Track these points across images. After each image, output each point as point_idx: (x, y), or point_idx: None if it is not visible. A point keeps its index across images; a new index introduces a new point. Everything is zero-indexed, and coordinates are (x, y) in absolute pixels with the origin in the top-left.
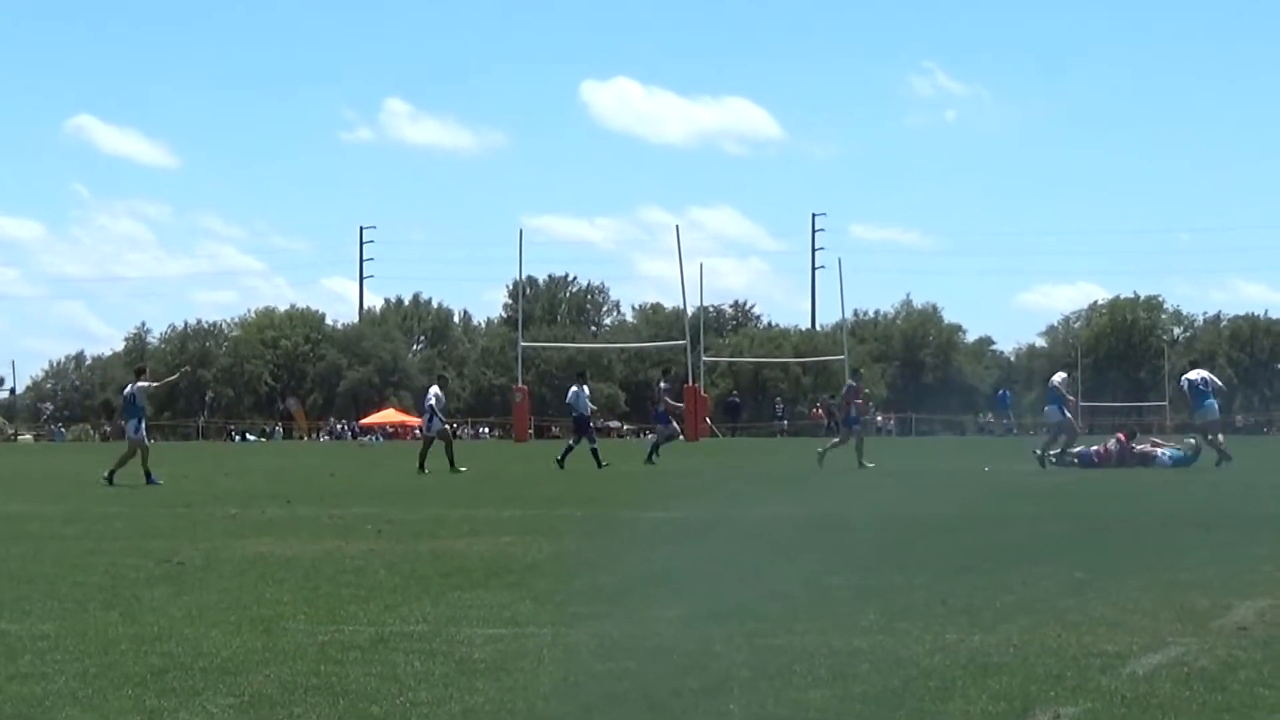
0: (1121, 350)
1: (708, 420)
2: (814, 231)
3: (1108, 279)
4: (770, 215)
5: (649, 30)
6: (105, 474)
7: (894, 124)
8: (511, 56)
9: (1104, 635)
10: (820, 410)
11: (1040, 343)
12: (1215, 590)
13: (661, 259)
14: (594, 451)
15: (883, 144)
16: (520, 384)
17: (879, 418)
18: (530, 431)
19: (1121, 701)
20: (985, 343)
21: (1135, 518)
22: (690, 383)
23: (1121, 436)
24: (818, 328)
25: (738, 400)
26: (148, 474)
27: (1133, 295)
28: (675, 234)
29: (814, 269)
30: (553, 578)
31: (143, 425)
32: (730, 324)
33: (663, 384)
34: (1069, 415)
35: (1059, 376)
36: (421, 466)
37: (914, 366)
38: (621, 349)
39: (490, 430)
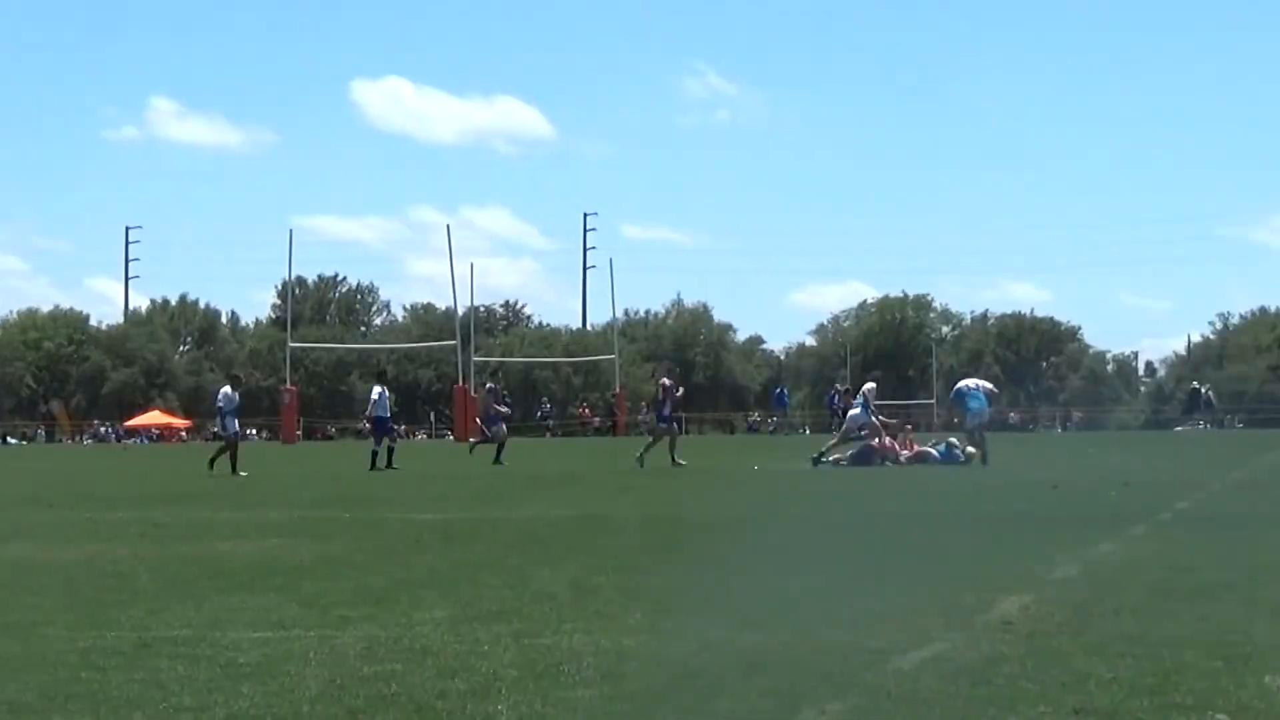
0: (890, 348)
1: (478, 420)
2: (586, 231)
3: (877, 278)
4: (542, 215)
5: (420, 29)
6: None
7: (665, 124)
8: (280, 55)
9: (870, 632)
10: (587, 409)
11: (810, 341)
12: (979, 586)
13: (432, 259)
14: (390, 451)
15: (654, 144)
16: (289, 385)
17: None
18: (299, 433)
19: (888, 697)
20: (755, 342)
21: (901, 516)
22: (460, 383)
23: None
24: (589, 327)
25: (509, 398)
26: None
27: (901, 294)
28: (446, 233)
29: (585, 268)
30: (319, 580)
31: None
32: (501, 324)
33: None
34: (875, 420)
35: (869, 386)
36: (211, 464)
37: (684, 366)
38: (391, 349)
39: (258, 432)
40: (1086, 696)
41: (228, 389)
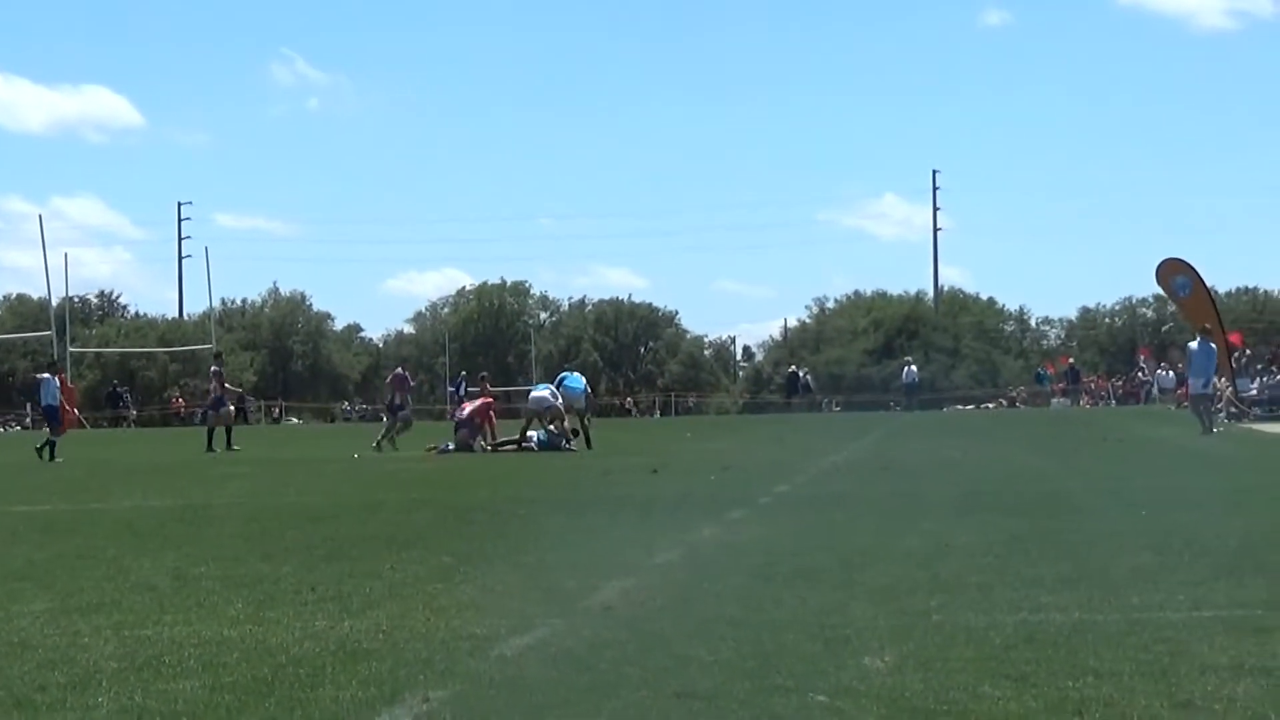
0: (489, 335)
1: (75, 411)
2: (180, 220)
3: (473, 266)
4: (134, 204)
5: (3, 16)
6: None
7: (257, 112)
8: None
9: (472, 619)
10: (180, 400)
11: (409, 329)
12: (581, 572)
13: (22, 249)
14: (52, 445)
15: (247, 132)
16: None
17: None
18: None
19: (490, 684)
20: (354, 330)
21: (501, 502)
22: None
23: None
24: (185, 316)
25: (121, 390)
26: None
27: (500, 281)
28: (39, 224)
29: (181, 258)
30: None
31: None
32: (97, 314)
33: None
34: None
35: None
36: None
37: (283, 354)
38: None
39: None
40: (688, 680)
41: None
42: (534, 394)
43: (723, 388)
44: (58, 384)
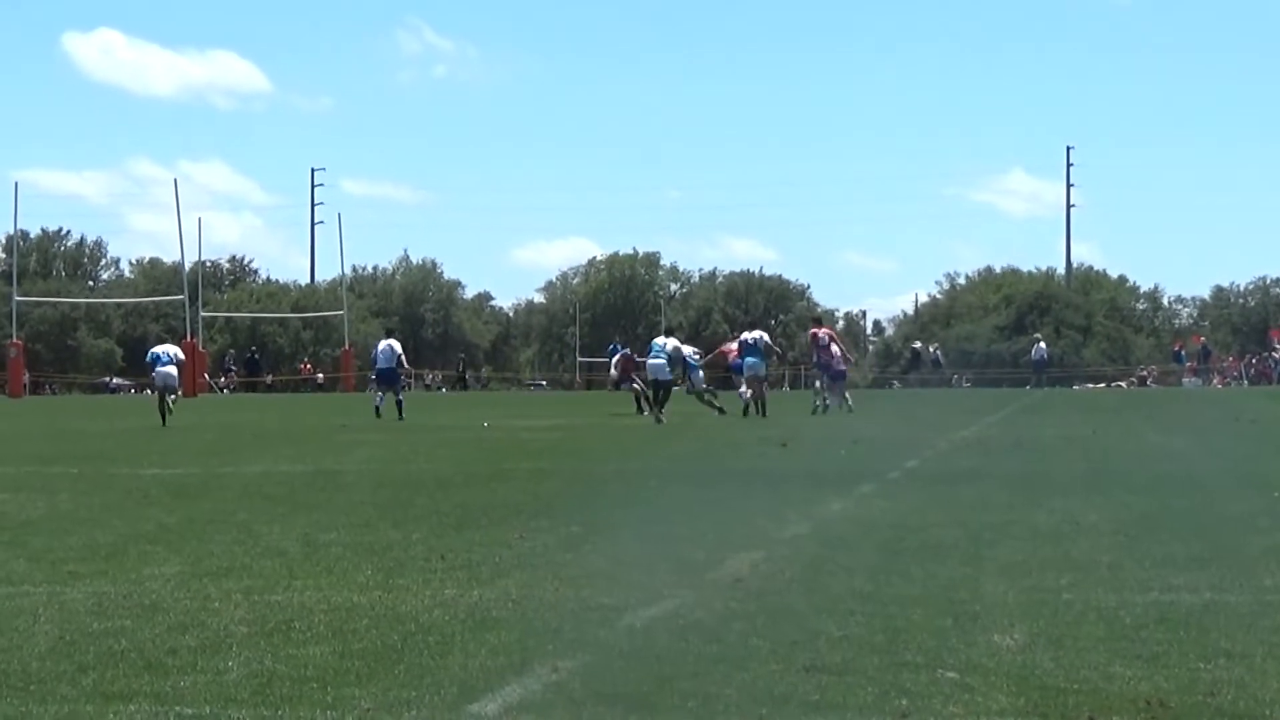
0: (619, 305)
1: (205, 376)
2: (313, 187)
3: (600, 235)
4: (262, 170)
5: None
6: None
7: (384, 79)
8: None
9: (601, 589)
10: (309, 366)
11: (539, 299)
12: (710, 544)
13: (154, 213)
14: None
15: (373, 99)
16: (15, 339)
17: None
18: (25, 387)
19: (619, 654)
20: (484, 298)
21: (630, 473)
22: (189, 338)
23: None
24: (317, 283)
25: (257, 355)
26: None
27: (632, 251)
28: (174, 188)
29: (313, 224)
30: (48, 535)
31: None
32: (229, 279)
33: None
34: None
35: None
36: None
37: (414, 321)
38: (119, 304)
39: None
40: (817, 654)
41: None
42: (651, 362)
43: (852, 363)
44: (398, 348)
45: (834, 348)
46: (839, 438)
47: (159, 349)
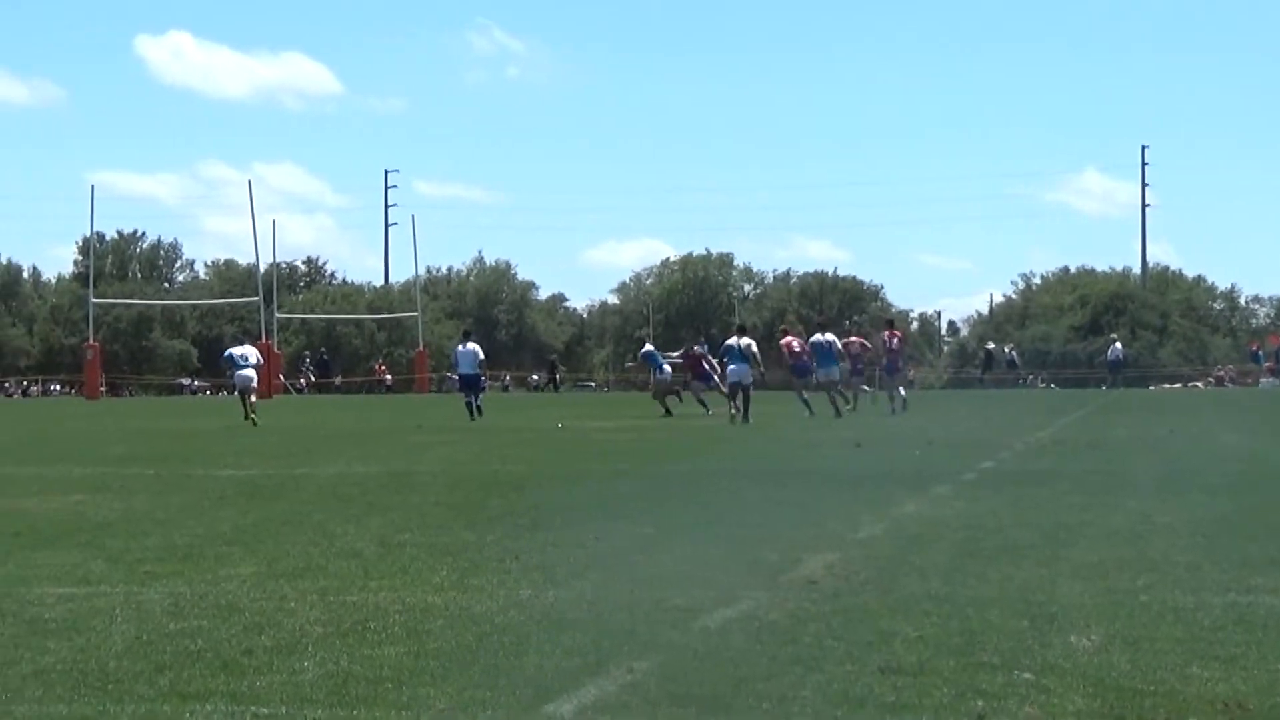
0: (693, 306)
1: (281, 378)
2: (387, 188)
3: (673, 236)
4: (334, 171)
5: None
6: None
7: (455, 80)
8: (60, 8)
9: (675, 590)
10: (383, 367)
11: (613, 300)
12: (784, 545)
13: (227, 215)
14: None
15: (445, 100)
16: (91, 341)
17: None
18: (102, 389)
19: (694, 655)
20: (558, 299)
21: (703, 474)
22: (264, 339)
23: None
24: (391, 284)
25: (326, 357)
26: None
27: (705, 252)
28: (248, 190)
29: (387, 225)
30: (125, 536)
31: None
32: (303, 280)
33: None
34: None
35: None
36: None
37: (488, 323)
38: (194, 305)
39: (61, 387)
40: (893, 655)
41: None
42: (732, 367)
43: (927, 363)
44: (478, 352)
45: (843, 347)
46: (914, 438)
47: (236, 350)
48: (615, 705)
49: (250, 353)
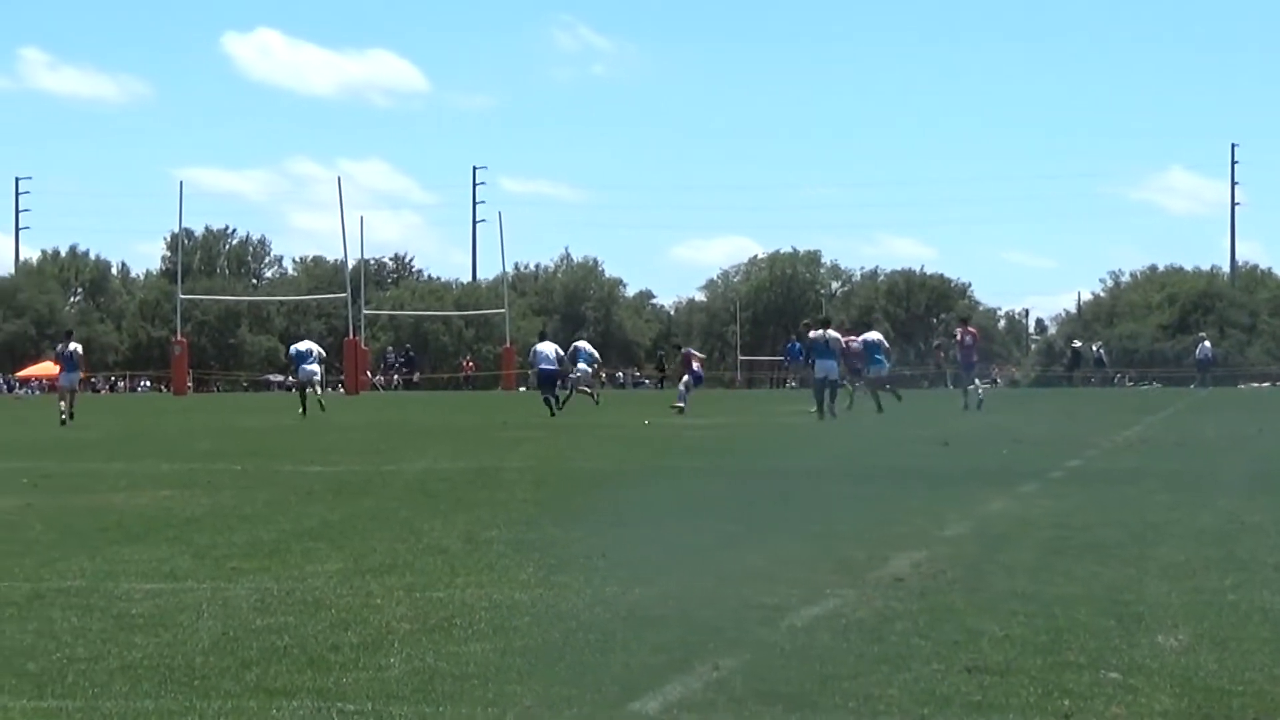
0: (780, 304)
1: (368, 374)
2: (475, 185)
3: (759, 233)
4: (421, 168)
5: None
6: None
7: (541, 77)
8: (149, 5)
9: (762, 588)
10: (471, 364)
11: (700, 297)
12: (870, 542)
13: (315, 211)
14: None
15: (531, 97)
16: (179, 336)
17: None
18: (189, 384)
19: (781, 653)
20: (645, 296)
21: (789, 471)
22: (351, 336)
23: None
24: (478, 281)
25: (411, 353)
26: None
27: (792, 250)
28: (337, 186)
29: (475, 222)
30: (212, 532)
31: None
32: (391, 277)
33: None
34: None
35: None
36: None
37: (575, 320)
38: (281, 302)
39: (150, 383)
40: (979, 654)
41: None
42: (821, 363)
43: (1015, 360)
44: (558, 350)
45: (852, 345)
46: (1001, 437)
47: (301, 346)
48: (701, 703)
49: (313, 348)
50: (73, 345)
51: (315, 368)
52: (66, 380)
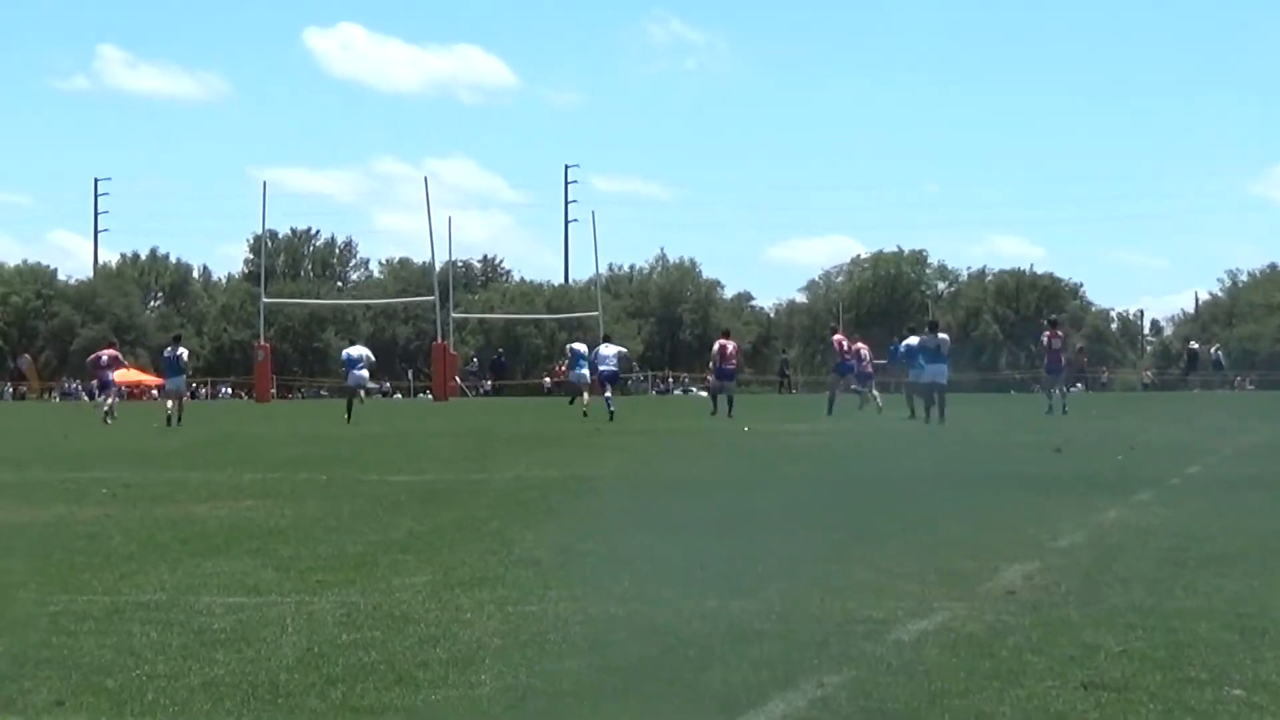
0: (884, 305)
1: (456, 380)
2: (567, 184)
3: (861, 233)
4: (510, 167)
5: None
6: None
7: (633, 73)
8: (228, 1)
9: (868, 600)
10: (562, 368)
11: (800, 298)
12: (979, 553)
13: (400, 212)
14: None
15: (623, 93)
16: (262, 341)
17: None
18: (272, 390)
19: (888, 669)
20: (744, 298)
21: (893, 477)
22: (439, 340)
23: None
24: (571, 282)
25: (503, 358)
26: None
27: (896, 249)
28: (424, 186)
29: (567, 222)
30: (296, 544)
31: None
32: (480, 279)
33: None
34: None
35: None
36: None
37: (671, 323)
38: (368, 305)
39: (231, 389)
40: (1096, 670)
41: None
42: (930, 367)
43: (1129, 363)
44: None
45: (862, 350)
46: (1115, 442)
47: (353, 351)
48: None
49: (364, 353)
50: (180, 350)
51: (365, 373)
52: (172, 385)
